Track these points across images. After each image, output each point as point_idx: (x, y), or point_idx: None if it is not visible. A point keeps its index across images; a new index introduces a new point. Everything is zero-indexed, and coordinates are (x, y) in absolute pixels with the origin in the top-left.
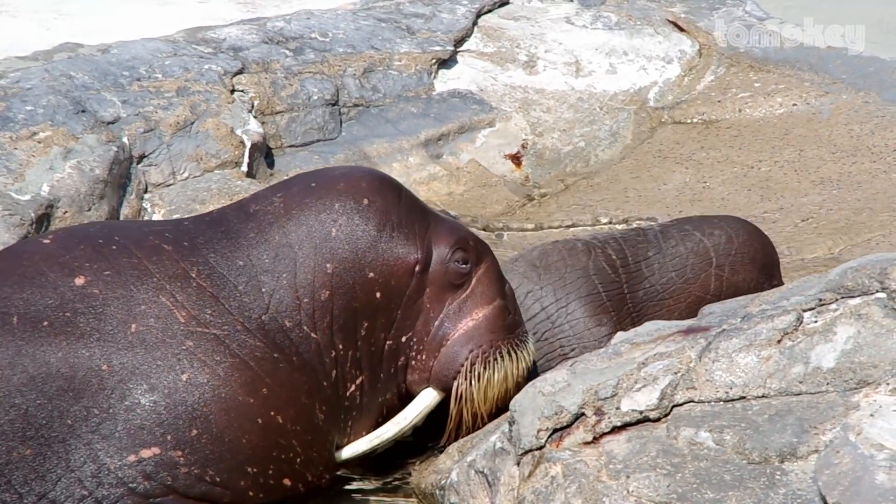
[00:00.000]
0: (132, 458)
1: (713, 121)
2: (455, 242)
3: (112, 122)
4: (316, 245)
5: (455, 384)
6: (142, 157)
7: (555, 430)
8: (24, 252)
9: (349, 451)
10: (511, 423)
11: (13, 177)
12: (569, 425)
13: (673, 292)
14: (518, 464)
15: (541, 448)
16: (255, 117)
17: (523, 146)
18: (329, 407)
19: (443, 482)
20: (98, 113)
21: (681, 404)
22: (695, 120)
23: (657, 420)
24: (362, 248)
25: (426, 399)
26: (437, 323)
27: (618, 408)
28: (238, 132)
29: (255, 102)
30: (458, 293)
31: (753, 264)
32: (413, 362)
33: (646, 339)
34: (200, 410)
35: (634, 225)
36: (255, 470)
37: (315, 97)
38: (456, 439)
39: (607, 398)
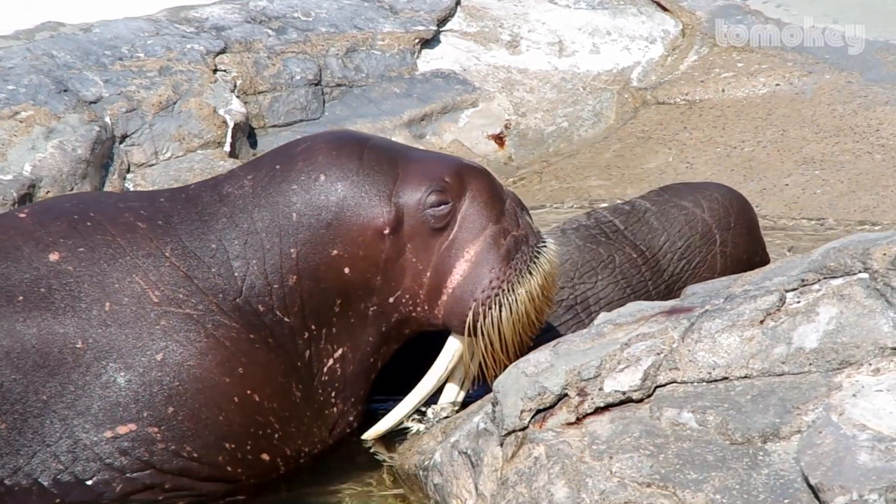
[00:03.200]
0: (108, 433)
1: (696, 101)
2: (427, 186)
3: (94, 102)
4: (280, 231)
5: (465, 335)
6: (124, 137)
7: (538, 411)
8: None
9: (385, 424)
10: (494, 403)
11: None
12: (552, 406)
13: (686, 280)
14: (501, 444)
15: (524, 429)
16: (237, 97)
17: (506, 126)
18: (304, 385)
19: (426, 463)
20: (80, 92)
21: (664, 385)
22: (678, 100)
23: (640, 401)
24: (322, 227)
25: (451, 349)
26: (429, 273)
27: (601, 388)
28: (221, 112)
29: (238, 82)
30: (446, 234)
31: (750, 234)
32: (414, 314)
33: (629, 320)
34: (176, 389)
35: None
36: (232, 445)
37: (298, 77)
38: (483, 380)
39: (590, 379)
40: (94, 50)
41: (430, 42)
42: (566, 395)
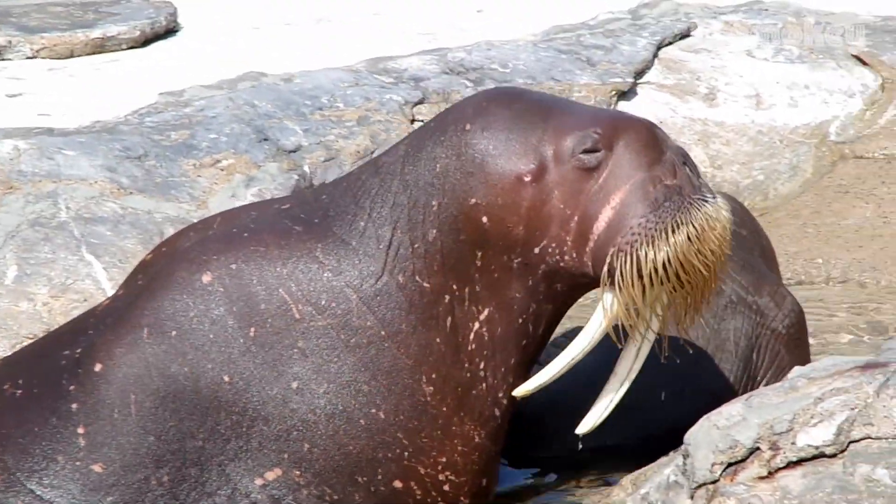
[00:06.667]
0: (259, 481)
1: (895, 155)
2: (578, 136)
3: (294, 151)
4: (425, 184)
5: (603, 284)
6: None
7: (729, 465)
8: (169, 251)
9: (538, 380)
10: (685, 456)
11: (196, 204)
12: (743, 459)
13: None
14: (692, 497)
15: (715, 482)
16: None
17: None
18: (444, 367)
19: None
20: (280, 141)
21: (857, 440)
22: (876, 154)
23: (833, 456)
24: (463, 176)
25: (606, 302)
26: (577, 218)
27: (793, 443)
28: None
29: None
30: (594, 181)
31: None
32: (562, 264)
33: (822, 374)
34: (310, 420)
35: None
36: (364, 478)
37: None
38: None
39: (783, 433)
40: (294, 100)
41: (626, 94)
42: (758, 448)
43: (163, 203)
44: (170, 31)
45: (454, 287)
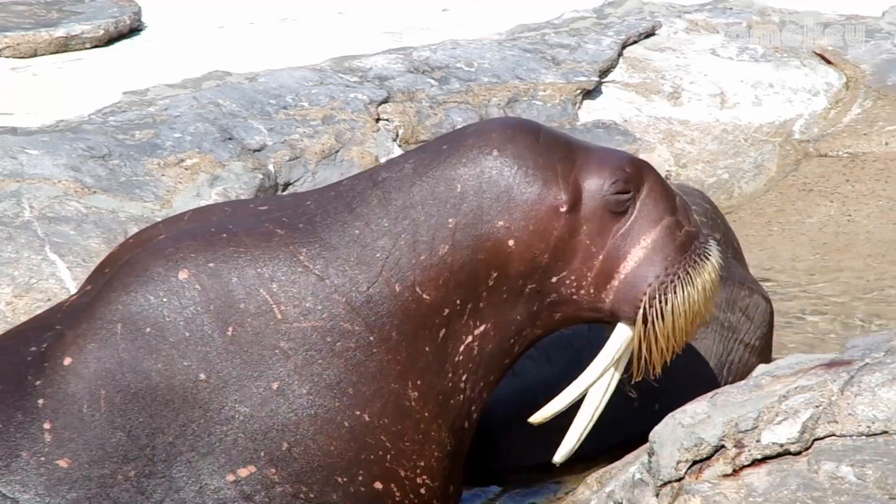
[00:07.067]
0: (230, 477)
1: (859, 154)
2: (610, 173)
3: (258, 150)
4: (440, 202)
5: (637, 323)
6: (287, 185)
7: (694, 462)
8: (137, 244)
9: (550, 410)
10: (650, 454)
11: (160, 203)
12: (708, 457)
13: None
14: (657, 495)
15: (680, 480)
16: (399, 146)
17: (667, 177)
18: (429, 375)
19: None
20: (245, 140)
21: (822, 438)
22: (840, 153)
23: (798, 453)
24: (490, 199)
25: (619, 337)
26: (602, 256)
27: (758, 440)
28: (382, 161)
29: (400, 132)
30: (623, 220)
31: None
32: (575, 297)
33: (787, 372)
34: (290, 420)
35: None
36: (344, 479)
37: (459, 126)
38: (646, 375)
39: (748, 430)
40: (258, 99)
41: (591, 93)
42: (723, 446)
43: (127, 202)
44: (134, 29)
45: (457, 301)
